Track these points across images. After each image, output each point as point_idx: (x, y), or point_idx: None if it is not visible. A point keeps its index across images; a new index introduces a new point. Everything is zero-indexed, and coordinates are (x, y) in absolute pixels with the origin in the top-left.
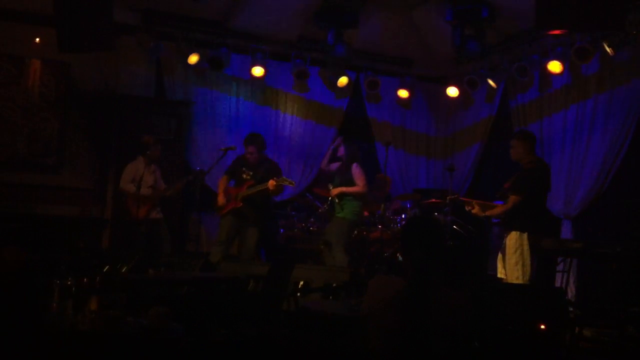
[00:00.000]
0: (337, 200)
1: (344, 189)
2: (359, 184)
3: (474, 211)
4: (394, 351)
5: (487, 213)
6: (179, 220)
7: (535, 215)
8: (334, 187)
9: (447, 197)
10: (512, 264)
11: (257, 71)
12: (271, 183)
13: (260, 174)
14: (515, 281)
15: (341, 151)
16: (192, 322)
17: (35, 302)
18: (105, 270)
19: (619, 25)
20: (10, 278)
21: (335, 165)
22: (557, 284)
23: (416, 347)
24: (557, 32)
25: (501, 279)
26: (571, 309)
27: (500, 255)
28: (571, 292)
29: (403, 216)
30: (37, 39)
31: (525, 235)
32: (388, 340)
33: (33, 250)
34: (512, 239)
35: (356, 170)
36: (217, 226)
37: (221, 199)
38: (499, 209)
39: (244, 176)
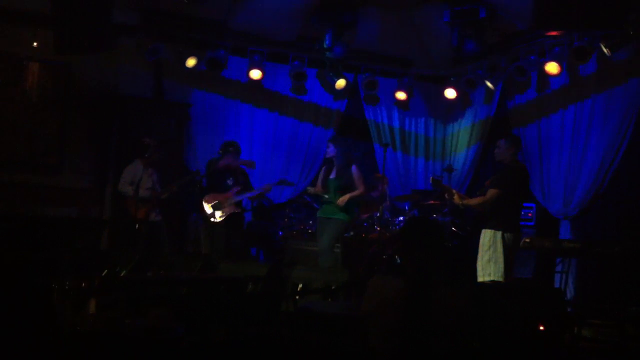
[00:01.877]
0: (336, 207)
1: (351, 195)
2: (361, 187)
3: (454, 198)
4: (394, 351)
5: (465, 201)
6: (178, 221)
7: (511, 214)
8: (334, 191)
9: (431, 178)
10: (485, 261)
11: (255, 74)
12: (268, 188)
13: (240, 180)
14: (486, 278)
15: (329, 153)
16: (191, 322)
17: (35, 303)
18: (104, 272)
19: (618, 25)
20: (8, 278)
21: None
22: (556, 284)
23: (416, 347)
24: (555, 32)
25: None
26: (570, 308)
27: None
28: (570, 292)
29: (401, 218)
30: (35, 44)
31: (499, 234)
32: (388, 340)
33: (32, 250)
34: (486, 237)
35: (356, 173)
36: None
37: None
38: (477, 199)
39: (228, 182)
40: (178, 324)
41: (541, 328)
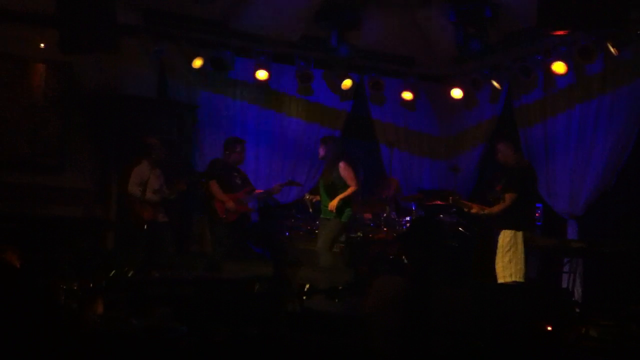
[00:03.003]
0: (333, 211)
1: (341, 196)
2: (351, 183)
3: (473, 211)
4: (397, 351)
5: (487, 211)
6: (182, 221)
7: (528, 213)
8: (323, 190)
9: (450, 197)
10: (505, 262)
11: (261, 74)
12: (278, 189)
13: (244, 177)
14: (508, 279)
15: (321, 152)
16: (195, 322)
17: (38, 303)
18: (110, 272)
19: (622, 24)
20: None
21: None
22: (564, 285)
23: (419, 347)
24: (559, 32)
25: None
26: (577, 309)
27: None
28: (577, 292)
29: (407, 218)
30: (42, 45)
31: (520, 234)
32: (389, 339)
33: (35, 251)
34: (507, 237)
35: (344, 169)
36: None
37: (231, 203)
38: (497, 207)
39: (237, 181)
40: (181, 324)
41: (549, 328)
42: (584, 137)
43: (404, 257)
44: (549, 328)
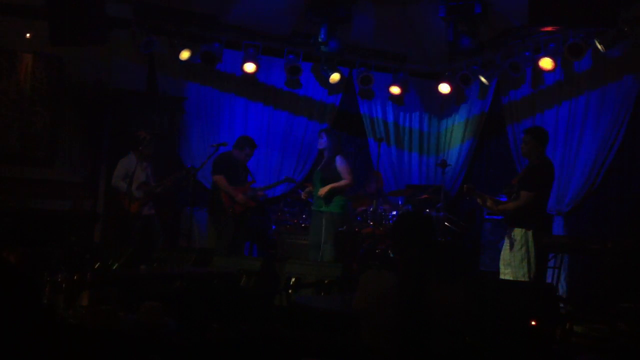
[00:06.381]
0: (322, 199)
1: (332, 185)
2: (346, 177)
3: (487, 204)
4: (389, 347)
5: (500, 207)
6: (172, 216)
7: (540, 212)
8: (319, 184)
9: (465, 187)
10: (517, 261)
11: (249, 67)
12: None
13: (248, 173)
14: (521, 279)
15: (322, 143)
16: (184, 317)
17: (27, 298)
18: (96, 265)
19: (612, 21)
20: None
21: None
22: (548, 280)
23: (409, 343)
24: (549, 28)
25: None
26: (562, 304)
27: (502, 256)
28: (562, 288)
29: (394, 212)
30: (28, 35)
31: (530, 233)
32: (382, 336)
33: (25, 244)
34: (517, 236)
35: (341, 163)
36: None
37: (240, 196)
38: (511, 204)
39: (242, 178)
40: (170, 318)
41: (533, 323)
42: (572, 134)
43: (390, 251)
44: (533, 323)
